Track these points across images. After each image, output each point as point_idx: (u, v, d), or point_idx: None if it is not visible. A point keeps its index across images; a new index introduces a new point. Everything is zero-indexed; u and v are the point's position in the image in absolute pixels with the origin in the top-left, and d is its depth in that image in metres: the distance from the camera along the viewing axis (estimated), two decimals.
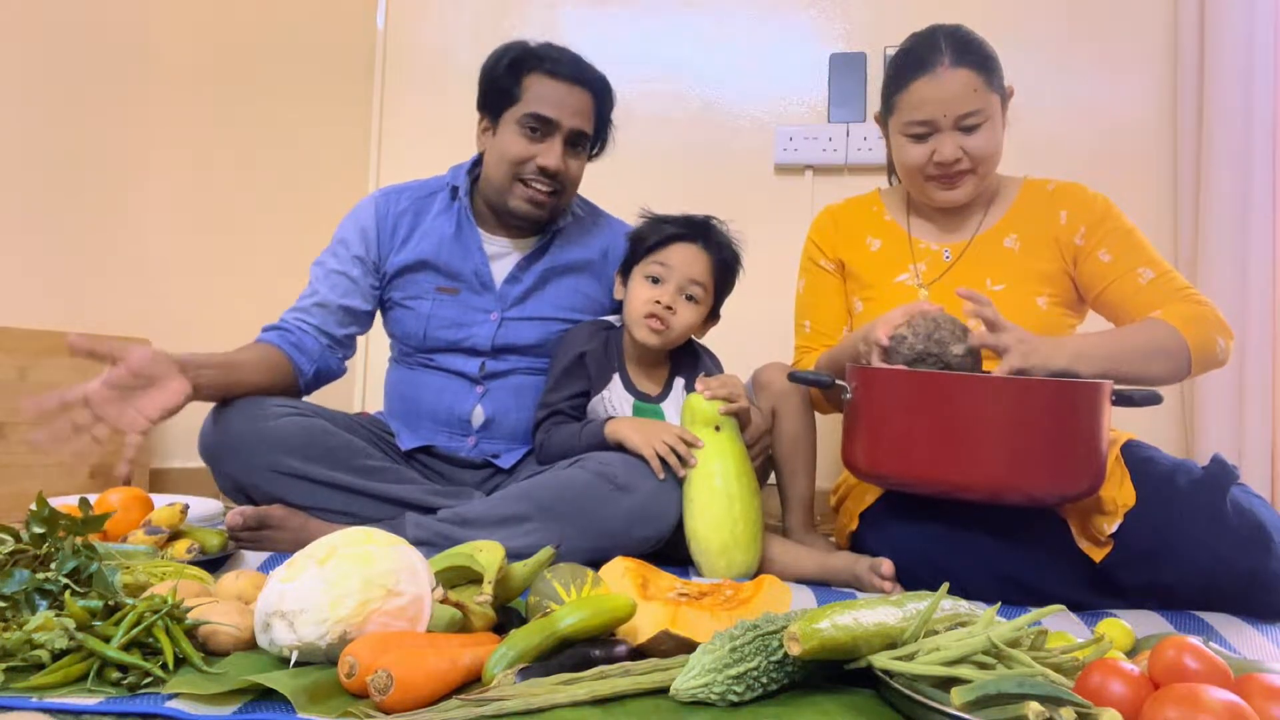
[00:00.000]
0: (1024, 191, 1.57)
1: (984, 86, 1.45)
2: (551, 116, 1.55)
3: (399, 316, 1.66)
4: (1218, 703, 0.68)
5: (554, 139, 1.56)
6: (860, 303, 1.60)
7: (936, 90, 1.44)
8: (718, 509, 1.40)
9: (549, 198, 1.58)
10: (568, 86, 1.57)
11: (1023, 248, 1.52)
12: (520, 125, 1.56)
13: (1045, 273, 1.51)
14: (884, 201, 1.65)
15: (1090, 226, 1.49)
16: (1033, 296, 1.49)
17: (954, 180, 1.49)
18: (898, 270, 1.57)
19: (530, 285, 1.66)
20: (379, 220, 1.65)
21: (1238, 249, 1.97)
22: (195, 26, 2.16)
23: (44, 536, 0.97)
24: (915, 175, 1.51)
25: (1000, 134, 1.50)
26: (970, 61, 1.45)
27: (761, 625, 0.86)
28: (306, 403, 1.55)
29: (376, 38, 2.56)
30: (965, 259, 1.54)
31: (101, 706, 0.77)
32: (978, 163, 1.47)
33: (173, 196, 2.12)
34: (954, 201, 1.52)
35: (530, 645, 0.86)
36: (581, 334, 1.62)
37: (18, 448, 1.78)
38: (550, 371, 1.62)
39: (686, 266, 1.54)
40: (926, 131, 1.46)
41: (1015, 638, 0.82)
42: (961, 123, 1.45)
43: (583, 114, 1.58)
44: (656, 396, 1.62)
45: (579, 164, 1.62)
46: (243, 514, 1.39)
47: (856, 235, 1.63)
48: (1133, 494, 1.33)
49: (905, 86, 1.48)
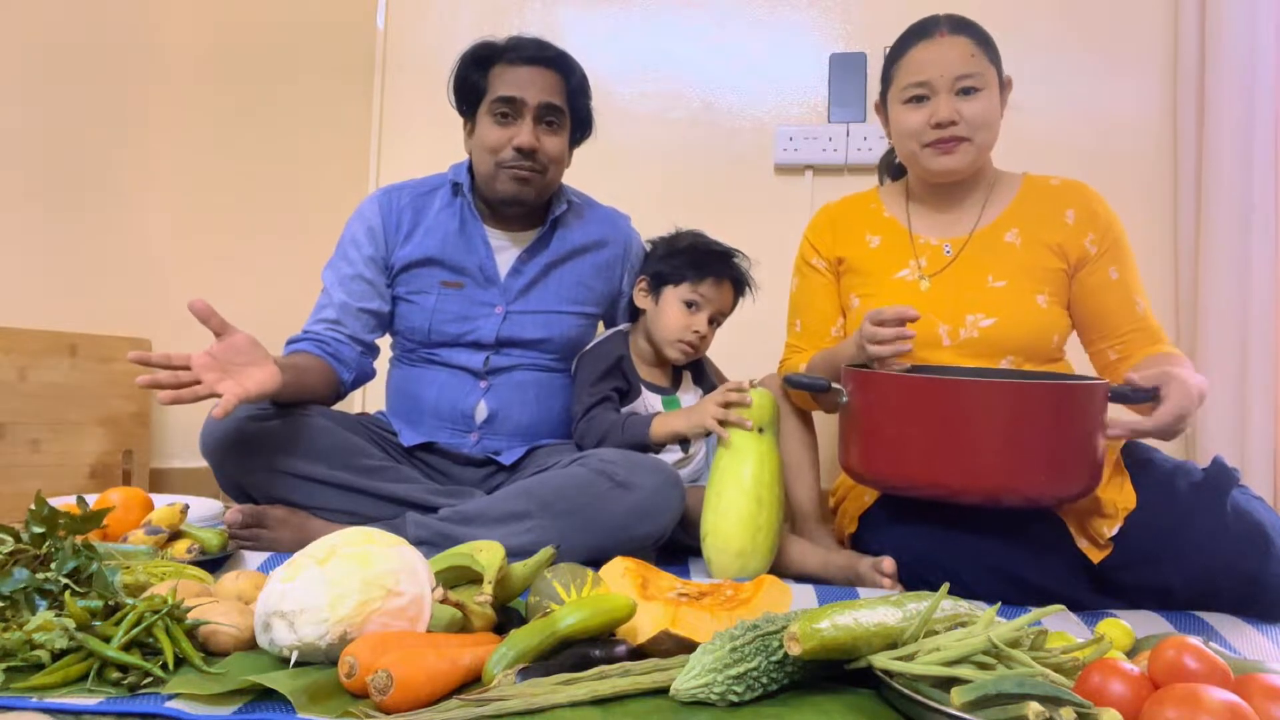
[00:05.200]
0: (1025, 187, 1.56)
1: (981, 55, 1.46)
2: (516, 96, 1.57)
3: (404, 311, 1.67)
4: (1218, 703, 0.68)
5: (524, 119, 1.58)
6: (857, 299, 1.59)
7: (934, 52, 1.46)
8: (743, 511, 1.38)
9: (532, 174, 1.59)
10: (530, 68, 1.59)
11: (1024, 243, 1.51)
12: (492, 114, 1.59)
13: (1046, 270, 1.50)
14: (883, 199, 1.64)
15: (1099, 236, 1.48)
16: (1033, 295, 1.48)
17: (950, 146, 1.46)
18: (898, 266, 1.56)
19: (533, 278, 1.67)
20: (384, 217, 1.66)
21: (1240, 249, 1.96)
22: (196, 27, 2.16)
23: (44, 536, 0.97)
24: (912, 144, 1.49)
25: (998, 110, 1.49)
26: (969, 32, 1.47)
27: (762, 625, 0.85)
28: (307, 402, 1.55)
29: (376, 38, 2.56)
30: (966, 254, 1.53)
31: (101, 706, 0.77)
32: (975, 130, 1.45)
33: (173, 196, 2.12)
34: (951, 170, 1.48)
35: (530, 645, 0.86)
36: (613, 343, 1.69)
37: (18, 448, 1.78)
38: (584, 375, 1.65)
39: (720, 300, 1.66)
40: (924, 94, 1.46)
41: (1015, 638, 0.82)
42: (959, 84, 1.44)
43: (548, 89, 1.60)
44: (669, 388, 1.71)
45: (556, 141, 1.62)
46: (242, 511, 1.39)
47: (855, 232, 1.62)
48: (1133, 497, 1.33)
49: (903, 54, 1.50)
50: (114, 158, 2.00)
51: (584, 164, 1.78)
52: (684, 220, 1.76)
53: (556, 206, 1.69)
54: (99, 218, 1.98)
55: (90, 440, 1.90)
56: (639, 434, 1.55)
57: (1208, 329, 1.99)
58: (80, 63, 1.93)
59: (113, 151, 2.00)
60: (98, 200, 1.98)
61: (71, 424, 1.87)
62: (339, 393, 1.63)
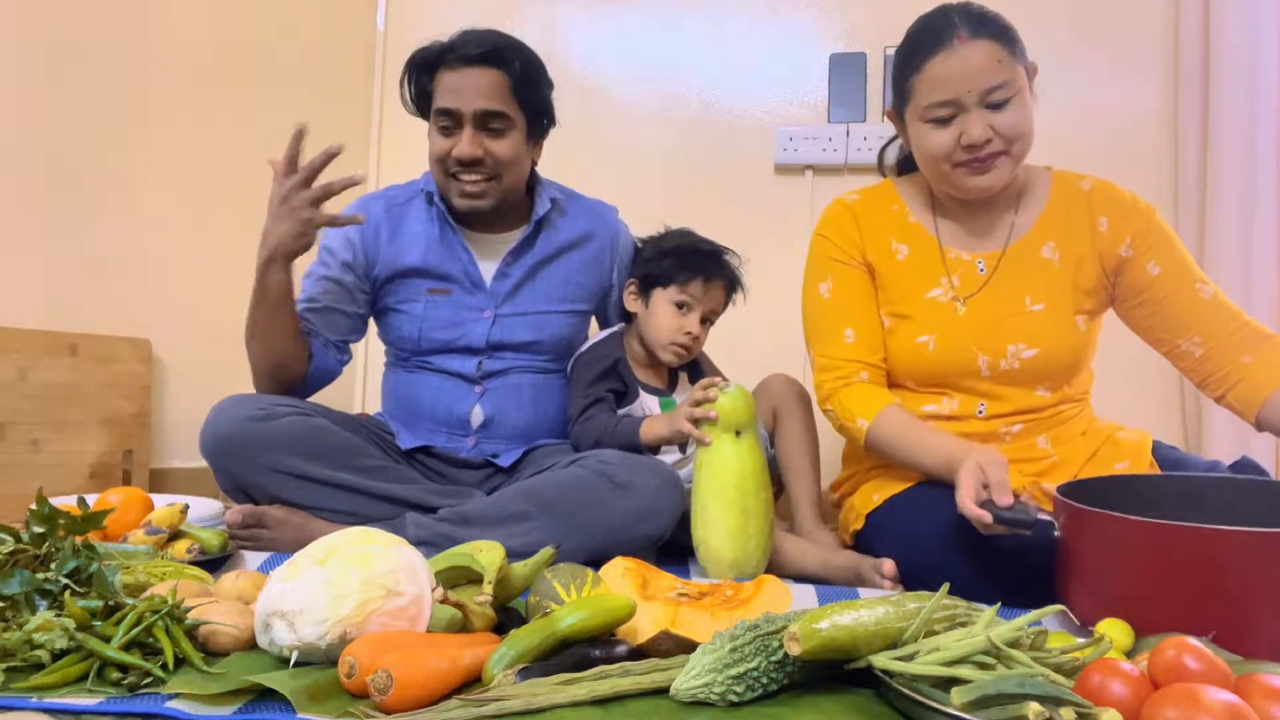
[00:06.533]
0: (1056, 188, 1.46)
1: (1008, 57, 1.31)
2: (452, 107, 1.54)
3: (393, 321, 1.66)
4: (1217, 703, 0.67)
5: (464, 128, 1.55)
6: (888, 319, 1.47)
7: (957, 65, 1.31)
8: (731, 526, 1.36)
9: (485, 184, 1.57)
10: (469, 70, 1.54)
11: (1062, 258, 1.42)
12: (435, 125, 1.58)
13: (1085, 288, 1.42)
14: (904, 199, 1.51)
15: (1136, 236, 1.40)
16: (1072, 317, 1.42)
17: (986, 164, 1.34)
18: (929, 284, 1.45)
19: (520, 279, 1.66)
20: (363, 227, 1.64)
21: (1243, 248, 1.97)
22: (195, 26, 2.16)
23: (44, 536, 0.97)
24: (941, 164, 1.37)
25: (1031, 113, 1.35)
26: (989, 32, 1.32)
27: (762, 625, 0.85)
28: (307, 402, 1.55)
29: (376, 38, 2.56)
30: (1001, 272, 1.43)
31: (101, 706, 0.77)
32: (1011, 142, 1.33)
33: (173, 196, 2.12)
34: (987, 189, 1.37)
35: (530, 645, 0.86)
36: (609, 345, 1.68)
37: (18, 448, 1.78)
38: (579, 378, 1.64)
39: (711, 299, 1.64)
40: (951, 114, 1.33)
41: (1015, 638, 0.82)
42: (989, 99, 1.31)
43: (486, 93, 1.54)
44: (665, 390, 1.70)
45: (503, 144, 1.57)
46: (241, 511, 1.39)
47: (881, 238, 1.48)
48: None
49: (920, 68, 1.35)
50: (114, 158, 2.00)
51: (585, 164, 1.79)
52: (684, 220, 1.75)
53: (539, 206, 1.67)
54: (99, 218, 1.98)
55: (90, 440, 1.90)
56: (630, 437, 1.53)
57: None
58: (80, 63, 1.93)
59: (113, 151, 2.00)
60: (98, 200, 1.97)
61: (71, 424, 1.87)
62: (305, 368, 1.58)
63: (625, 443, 1.52)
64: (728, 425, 1.40)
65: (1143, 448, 1.42)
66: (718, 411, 1.39)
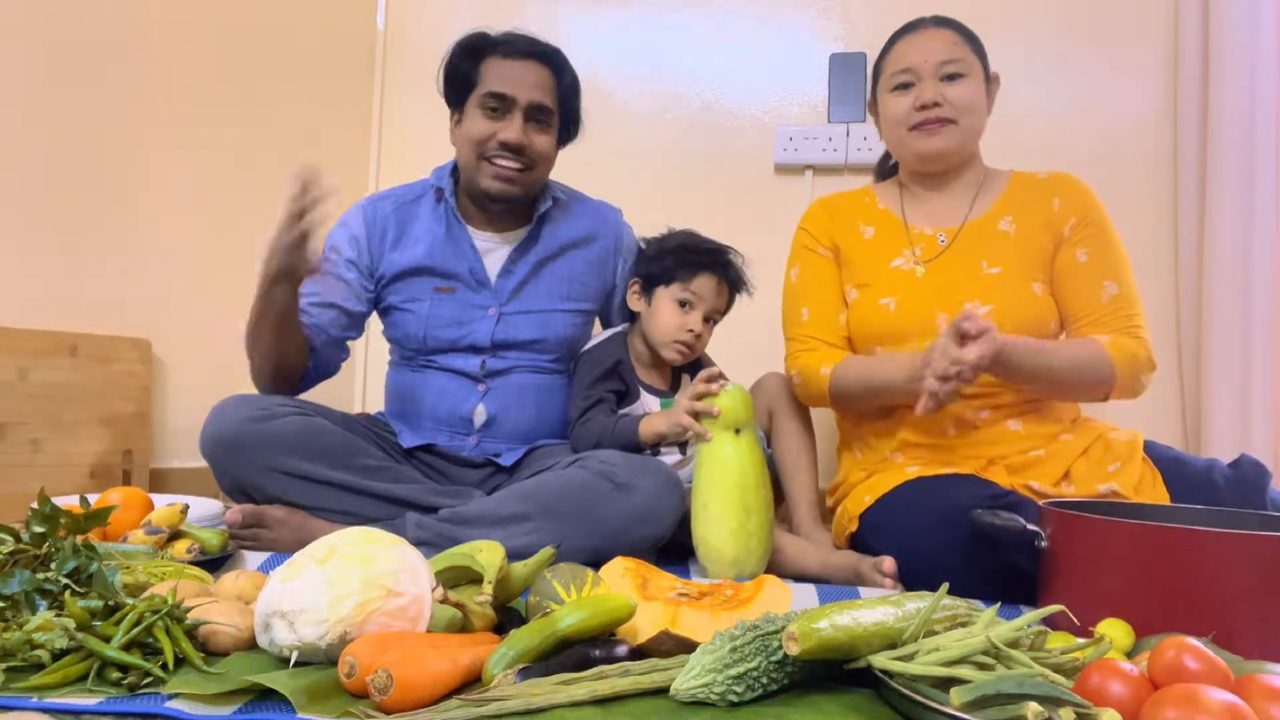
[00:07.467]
0: (1014, 181, 1.59)
1: (965, 45, 1.50)
2: (508, 93, 1.57)
3: (398, 320, 1.66)
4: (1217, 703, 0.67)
5: (514, 114, 1.57)
6: (855, 290, 1.59)
7: (919, 42, 1.51)
8: (732, 523, 1.36)
9: (518, 173, 1.59)
10: (523, 63, 1.59)
11: (1019, 230, 1.53)
12: (481, 107, 1.59)
13: (1040, 258, 1.52)
14: (876, 194, 1.67)
15: (1079, 221, 1.51)
16: (1029, 282, 1.50)
17: (935, 128, 1.50)
18: (892, 254, 1.58)
19: (524, 277, 1.66)
20: (368, 227, 1.65)
21: (1242, 250, 1.96)
22: (195, 26, 2.16)
23: (44, 536, 0.97)
24: (899, 130, 1.53)
25: (983, 97, 1.52)
26: (952, 25, 1.53)
27: (761, 625, 0.85)
28: (307, 402, 1.55)
29: (376, 38, 2.56)
30: (960, 241, 1.55)
31: (101, 706, 0.77)
32: (960, 112, 1.49)
33: (173, 196, 2.12)
34: (938, 152, 1.51)
35: (530, 645, 0.86)
36: (611, 345, 1.68)
37: (18, 448, 1.78)
38: (581, 378, 1.64)
39: (714, 297, 1.64)
40: (909, 80, 1.51)
41: (1015, 638, 0.82)
42: (943, 70, 1.48)
43: (540, 88, 1.59)
44: (667, 391, 1.70)
45: (545, 140, 1.61)
46: (242, 511, 1.40)
47: (850, 223, 1.63)
48: (1166, 496, 1.32)
49: (889, 50, 1.56)
50: (114, 158, 2.00)
51: (585, 164, 1.78)
52: (684, 220, 1.76)
53: (542, 203, 1.68)
54: (99, 218, 1.98)
55: (90, 440, 1.90)
56: (629, 436, 1.53)
57: (1210, 329, 1.99)
58: (80, 63, 1.93)
59: (113, 152, 2.00)
60: (98, 200, 1.97)
61: (71, 424, 1.87)
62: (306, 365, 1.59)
63: (625, 441, 1.53)
64: (727, 423, 1.41)
65: (1134, 448, 1.42)
66: (719, 407, 1.40)
